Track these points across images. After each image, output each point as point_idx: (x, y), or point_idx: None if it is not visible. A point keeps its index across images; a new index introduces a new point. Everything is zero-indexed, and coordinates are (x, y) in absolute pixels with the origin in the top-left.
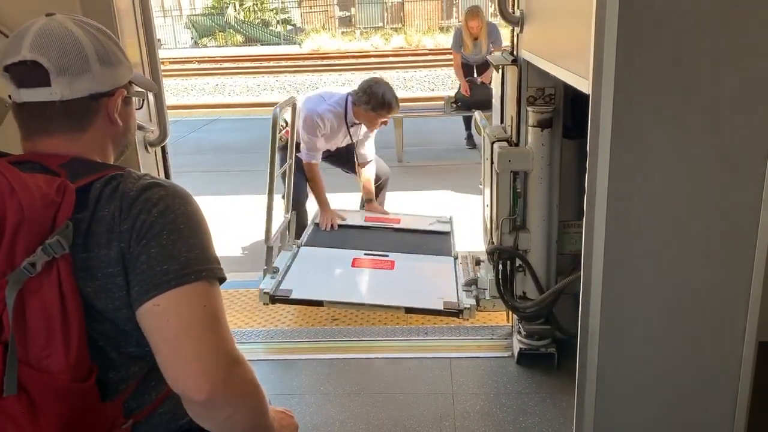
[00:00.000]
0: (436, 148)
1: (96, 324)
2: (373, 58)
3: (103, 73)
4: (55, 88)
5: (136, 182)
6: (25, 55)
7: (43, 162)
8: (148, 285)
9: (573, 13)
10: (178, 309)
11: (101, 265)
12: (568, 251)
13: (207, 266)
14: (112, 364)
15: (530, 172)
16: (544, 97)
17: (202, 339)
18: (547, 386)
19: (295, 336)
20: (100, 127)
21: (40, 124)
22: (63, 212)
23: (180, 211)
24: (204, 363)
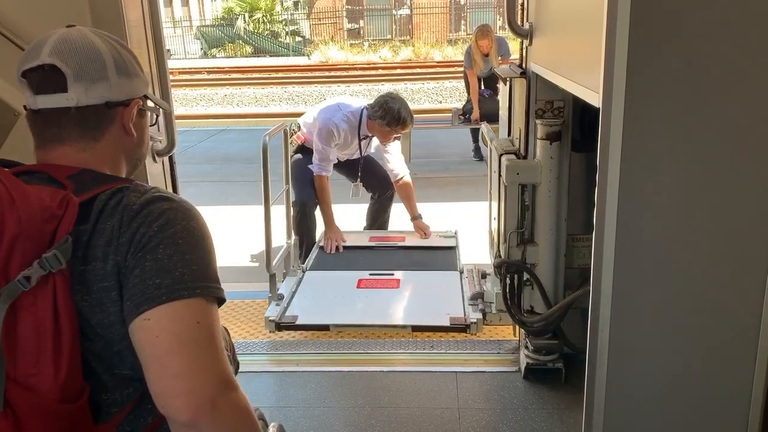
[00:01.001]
0: (443, 160)
1: (89, 343)
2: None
3: (119, 82)
4: (71, 94)
5: (141, 195)
6: (44, 60)
7: (52, 173)
8: (139, 299)
9: (583, 26)
10: (169, 324)
11: (97, 278)
12: (577, 265)
13: (203, 284)
14: (104, 386)
15: (538, 185)
16: (552, 110)
17: (192, 356)
18: (554, 402)
19: (300, 348)
20: (114, 137)
21: (54, 132)
22: (63, 226)
23: (181, 226)
24: (191, 381)
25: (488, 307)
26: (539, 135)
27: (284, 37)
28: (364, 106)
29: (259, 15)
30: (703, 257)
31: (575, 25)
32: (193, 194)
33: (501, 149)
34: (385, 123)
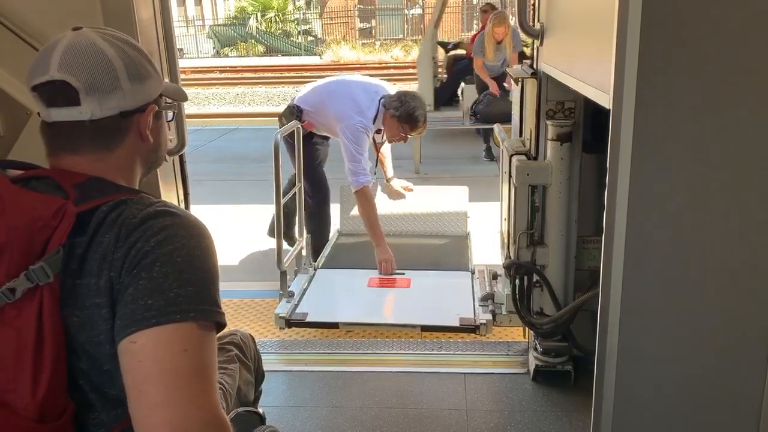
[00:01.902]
0: (455, 160)
1: (77, 360)
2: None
3: (133, 89)
4: (84, 107)
5: (144, 209)
6: (54, 75)
7: (58, 179)
8: (128, 319)
9: (594, 26)
10: (152, 349)
11: (90, 294)
12: (587, 267)
13: (199, 307)
14: (91, 405)
15: (549, 186)
16: (563, 111)
17: (171, 387)
18: (563, 404)
19: (308, 347)
20: (130, 145)
21: (66, 143)
22: (56, 237)
23: (181, 244)
24: (170, 413)
25: (498, 309)
26: (550, 136)
27: (296, 36)
28: (382, 96)
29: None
30: (714, 260)
31: (586, 25)
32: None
33: (511, 150)
34: (398, 115)
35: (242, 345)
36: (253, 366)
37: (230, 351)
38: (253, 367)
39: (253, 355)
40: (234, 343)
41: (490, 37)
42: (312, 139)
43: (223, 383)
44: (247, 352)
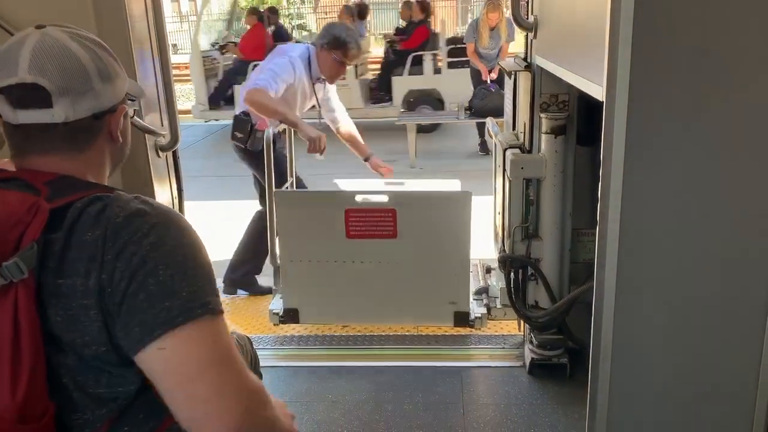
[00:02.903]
0: (449, 154)
1: (60, 356)
2: None
3: (104, 89)
4: (57, 110)
5: (124, 207)
6: (24, 78)
7: (29, 179)
8: (151, 324)
9: (587, 19)
10: (186, 350)
11: (77, 294)
12: (582, 260)
13: (209, 299)
14: (75, 405)
15: (543, 180)
16: (557, 104)
17: (216, 378)
18: (559, 397)
19: (304, 343)
20: (100, 145)
21: (36, 144)
22: (30, 233)
23: (174, 244)
24: (224, 402)
25: (493, 302)
26: (544, 129)
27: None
28: (309, 44)
29: None
30: (707, 252)
31: (579, 17)
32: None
33: (505, 143)
34: (326, 46)
35: (239, 348)
36: (251, 368)
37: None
38: (254, 368)
39: (250, 357)
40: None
41: (484, 22)
42: (276, 146)
43: None
44: (244, 354)
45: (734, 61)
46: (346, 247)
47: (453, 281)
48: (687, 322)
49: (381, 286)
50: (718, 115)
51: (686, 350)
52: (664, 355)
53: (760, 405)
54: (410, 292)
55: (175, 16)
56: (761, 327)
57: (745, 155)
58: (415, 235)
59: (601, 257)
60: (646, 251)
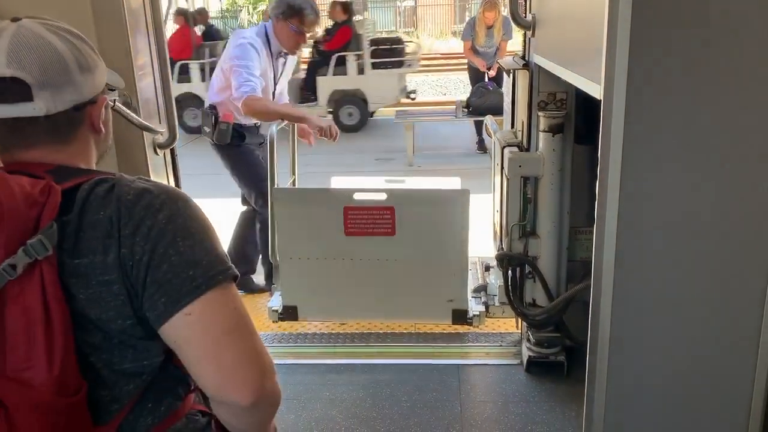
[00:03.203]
0: (447, 153)
1: (86, 335)
2: None
3: (84, 81)
4: (38, 103)
5: (131, 186)
6: (3, 72)
7: (28, 170)
8: (176, 294)
9: (585, 17)
10: (211, 316)
11: (96, 272)
12: (579, 258)
13: (225, 267)
14: (103, 381)
15: (541, 178)
16: (555, 102)
17: (241, 343)
18: (556, 395)
19: (302, 340)
20: (83, 136)
21: (19, 139)
22: (47, 213)
23: (187, 215)
24: (250, 367)
25: (491, 300)
26: (542, 127)
27: None
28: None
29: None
30: (704, 250)
31: (577, 16)
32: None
33: (503, 141)
34: (282, 16)
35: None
36: None
37: None
38: None
39: None
40: None
41: (481, 21)
42: (243, 141)
43: None
44: None
45: (732, 60)
46: (345, 244)
47: (451, 279)
48: (684, 320)
49: (379, 283)
50: (715, 114)
51: (683, 348)
52: (661, 352)
53: (756, 401)
54: (408, 289)
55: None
56: (757, 325)
57: (742, 153)
58: (413, 232)
59: (599, 255)
60: (644, 249)
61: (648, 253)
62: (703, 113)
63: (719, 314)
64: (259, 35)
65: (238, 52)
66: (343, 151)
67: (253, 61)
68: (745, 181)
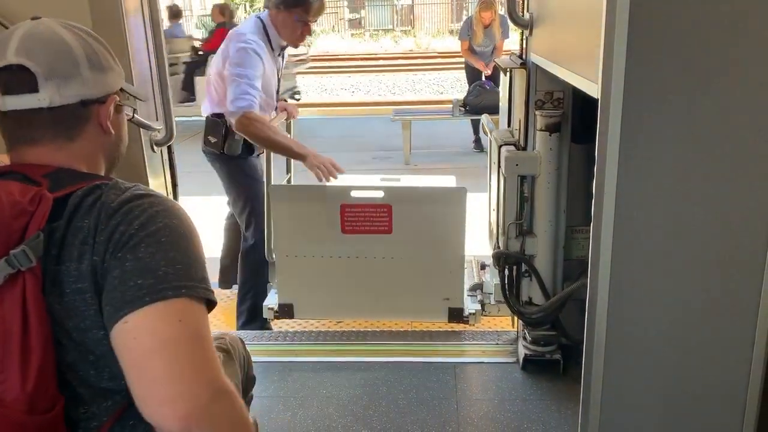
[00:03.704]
0: (444, 151)
1: (62, 351)
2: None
3: (94, 77)
4: (42, 94)
5: (121, 193)
6: (10, 60)
7: (26, 172)
8: (119, 302)
9: (583, 16)
10: (148, 324)
11: (71, 279)
12: (576, 257)
13: (189, 283)
14: (81, 398)
15: (538, 177)
16: (552, 101)
17: (174, 357)
18: (552, 393)
19: (298, 338)
20: (90, 135)
21: (26, 133)
22: (35, 222)
23: (164, 224)
24: (179, 385)
25: (487, 298)
26: (539, 126)
27: None
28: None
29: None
30: (701, 249)
31: (575, 15)
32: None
33: (500, 140)
34: (283, 5)
35: (230, 349)
36: (242, 372)
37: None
38: (242, 373)
39: (242, 359)
40: (222, 348)
41: (478, 21)
42: (251, 153)
43: None
44: (236, 356)
45: (729, 60)
46: (342, 242)
47: (448, 277)
48: (679, 319)
49: (376, 281)
50: (712, 113)
51: (678, 347)
52: (657, 351)
53: (751, 400)
54: (405, 287)
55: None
56: (753, 324)
57: (738, 153)
58: (410, 230)
59: (595, 254)
60: (640, 248)
61: (644, 252)
62: (701, 112)
63: (715, 313)
64: (258, 32)
65: (239, 59)
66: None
67: (255, 69)
68: (741, 181)
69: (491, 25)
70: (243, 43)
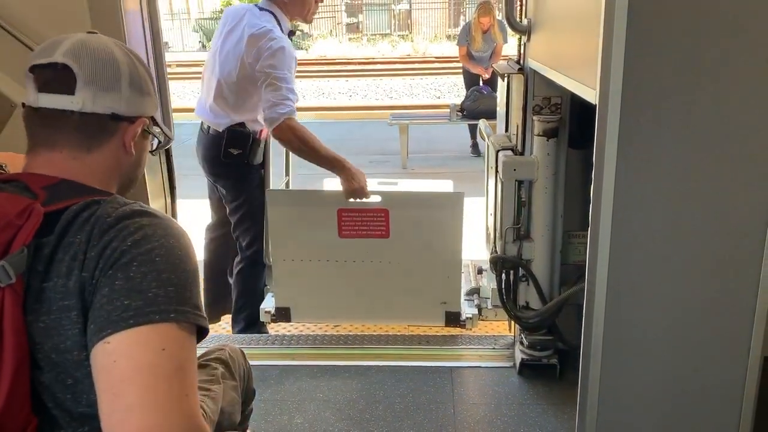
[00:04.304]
0: (441, 156)
1: (39, 373)
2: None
3: (131, 96)
4: (77, 98)
5: (118, 208)
6: (57, 59)
7: (28, 182)
8: (103, 321)
9: (581, 22)
10: (129, 348)
11: (57, 296)
12: (572, 261)
13: (179, 308)
14: (55, 422)
15: (535, 182)
16: (550, 107)
17: (149, 387)
18: (549, 397)
19: (295, 342)
20: (110, 151)
21: (49, 135)
22: (20, 237)
23: (159, 243)
24: (153, 418)
25: (484, 303)
26: (536, 131)
27: None
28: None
29: None
30: (698, 254)
31: (573, 21)
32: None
33: (498, 145)
34: None
35: (230, 362)
36: (242, 384)
37: (215, 369)
38: (242, 386)
39: (243, 372)
40: (221, 359)
41: (476, 26)
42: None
43: (204, 408)
44: (235, 369)
45: (726, 66)
46: (339, 246)
47: (445, 281)
48: (677, 324)
49: (373, 285)
50: (709, 119)
51: (675, 351)
52: (654, 356)
53: (746, 405)
54: (402, 291)
55: (166, 14)
56: (749, 328)
57: (736, 159)
58: (407, 235)
59: (593, 259)
60: (637, 253)
61: (642, 256)
62: (698, 118)
63: (712, 318)
64: (275, 25)
65: (273, 59)
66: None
67: (291, 70)
68: (739, 186)
69: (490, 31)
70: (273, 41)
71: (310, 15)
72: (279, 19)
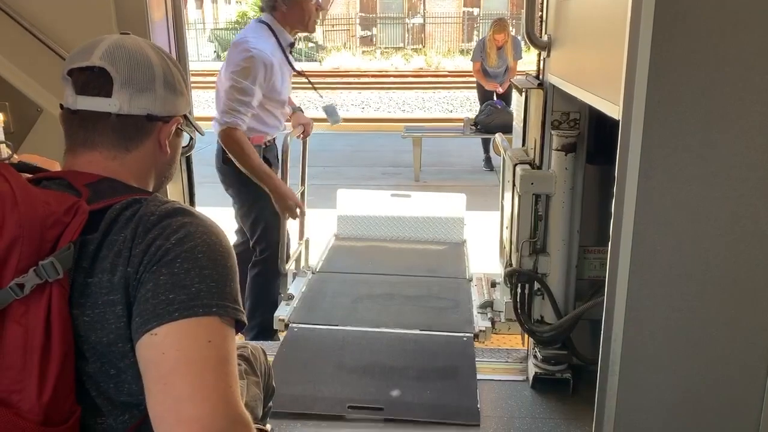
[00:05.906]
0: (454, 169)
1: (84, 363)
2: (393, 77)
3: (165, 96)
4: (114, 100)
5: (160, 206)
6: (95, 62)
7: (71, 180)
8: (149, 314)
9: (604, 39)
10: (177, 341)
11: (102, 291)
12: (588, 276)
13: (220, 302)
14: (98, 409)
15: (552, 196)
16: (568, 122)
17: (199, 378)
18: (562, 412)
19: None
20: (147, 150)
21: (87, 136)
22: (68, 234)
23: (201, 240)
24: (200, 408)
25: (497, 316)
26: (554, 146)
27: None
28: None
29: None
30: (718, 271)
31: (596, 37)
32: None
33: (516, 159)
34: None
35: (252, 359)
36: (263, 381)
37: (239, 366)
38: (263, 382)
39: (264, 369)
40: (243, 356)
41: (491, 43)
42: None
43: None
44: (257, 366)
45: (750, 83)
46: None
47: None
48: (696, 341)
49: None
50: (733, 135)
51: (694, 368)
52: (672, 372)
53: (765, 423)
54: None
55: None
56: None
57: (758, 174)
58: None
59: (612, 274)
60: (657, 269)
61: (661, 273)
62: (721, 134)
63: (732, 335)
64: (262, 36)
65: (238, 68)
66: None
67: (254, 81)
68: (760, 203)
69: (504, 47)
70: (245, 51)
71: (311, 23)
72: (276, 31)
